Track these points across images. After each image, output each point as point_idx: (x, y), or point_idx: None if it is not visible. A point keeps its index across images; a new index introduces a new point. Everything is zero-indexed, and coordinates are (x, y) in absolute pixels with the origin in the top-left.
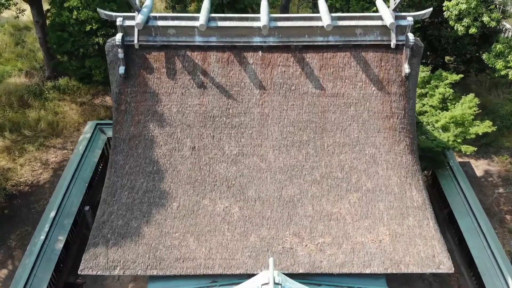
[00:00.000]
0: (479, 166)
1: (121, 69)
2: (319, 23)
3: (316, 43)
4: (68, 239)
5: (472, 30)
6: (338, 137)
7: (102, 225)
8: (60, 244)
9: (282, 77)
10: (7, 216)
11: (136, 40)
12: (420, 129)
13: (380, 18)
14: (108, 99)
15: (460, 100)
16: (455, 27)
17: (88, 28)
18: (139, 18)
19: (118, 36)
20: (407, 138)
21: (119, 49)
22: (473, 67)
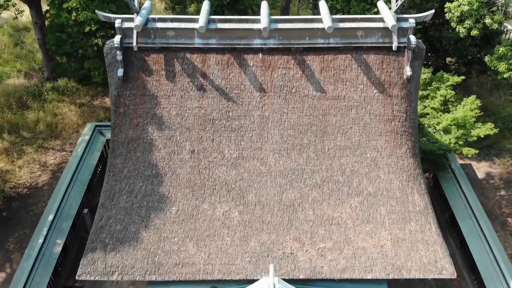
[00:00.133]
0: (481, 168)
1: (120, 72)
2: (320, 25)
3: (317, 45)
4: (67, 242)
5: (474, 32)
6: (339, 141)
7: (100, 230)
8: (59, 248)
9: (283, 80)
10: (5, 219)
11: (135, 42)
12: (422, 132)
13: (382, 20)
14: (108, 101)
15: (462, 102)
16: (457, 29)
17: (87, 29)
18: (138, 20)
19: (117, 38)
20: (409, 141)
21: (118, 51)
22: (475, 69)
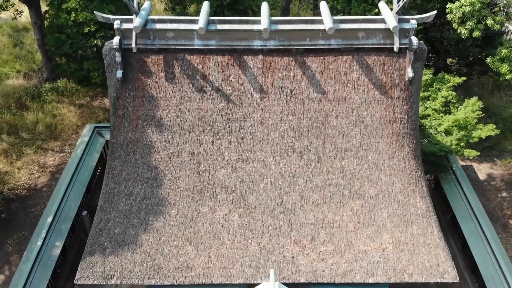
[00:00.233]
0: (482, 170)
1: (119, 73)
2: (321, 26)
3: (318, 47)
4: (66, 244)
5: (476, 34)
6: (340, 143)
7: (99, 233)
8: (57, 250)
9: (283, 81)
10: (4, 221)
11: (134, 44)
12: (423, 133)
13: (383, 21)
14: (107, 101)
15: (463, 104)
16: (459, 30)
17: (86, 30)
18: (137, 21)
19: (116, 40)
20: (411, 144)
21: (117, 53)
22: (476, 70)
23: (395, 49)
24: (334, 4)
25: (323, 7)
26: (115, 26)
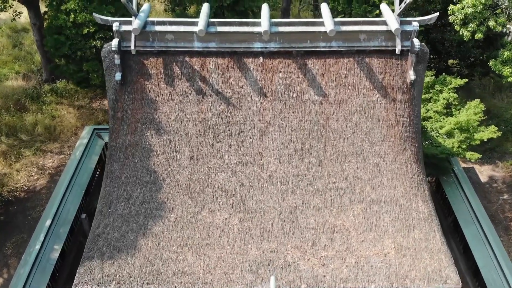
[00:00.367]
0: (484, 172)
1: (118, 76)
2: (322, 28)
3: (319, 49)
4: (64, 248)
5: (478, 36)
6: (342, 146)
7: (97, 238)
8: (56, 254)
9: (284, 84)
10: (3, 223)
11: (133, 46)
12: (424, 135)
13: (385, 23)
14: (107, 103)
15: (465, 106)
16: (461, 32)
17: (85, 31)
18: (136, 23)
19: (115, 42)
20: (413, 147)
21: (116, 55)
22: (477, 71)
23: (397, 52)
24: (335, 5)
25: (324, 9)
26: (114, 28)
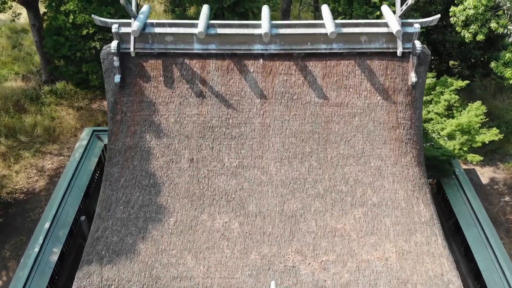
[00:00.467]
0: (485, 174)
1: (117, 78)
2: (323, 30)
3: (319, 51)
4: (64, 250)
5: (480, 37)
6: (342, 149)
7: (96, 242)
8: (55, 257)
9: (284, 86)
10: (2, 225)
11: (132, 48)
12: (425, 137)
13: (386, 25)
14: (106, 104)
15: (467, 108)
16: (462, 33)
17: (85, 32)
18: (135, 25)
19: (114, 44)
20: (414, 150)
21: (115, 57)
22: (478, 72)
23: (398, 54)
24: (336, 6)
25: (325, 11)
26: (113, 30)
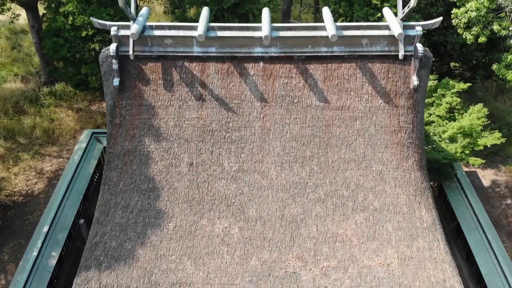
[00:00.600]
0: (486, 176)
1: (116, 81)
2: (323, 33)
3: (320, 54)
4: (62, 253)
5: (482, 39)
6: (344, 153)
7: (95, 247)
8: (53, 261)
9: (285, 89)
10: (0, 228)
11: (131, 51)
12: (427, 140)
13: (388, 28)
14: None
15: (469, 110)
16: (464, 36)
17: (84, 34)
18: (134, 28)
19: (112, 47)
20: (416, 154)
21: (113, 60)
22: (479, 74)
23: (400, 57)
24: (336, 8)
25: (326, 13)
26: (112, 33)
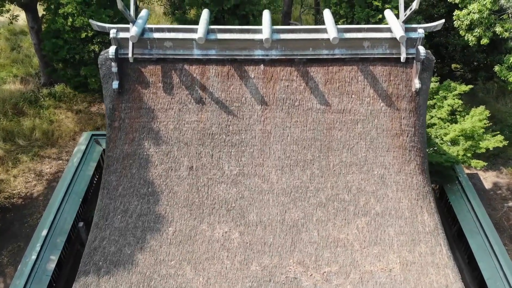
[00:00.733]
0: (488, 178)
1: (115, 84)
2: (325, 36)
3: (321, 57)
4: (61, 257)
5: (484, 41)
6: (345, 156)
7: (94, 252)
8: (52, 264)
9: (285, 92)
10: None
11: (131, 54)
12: (428, 142)
13: (389, 30)
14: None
15: (470, 113)
16: (466, 37)
17: (84, 35)
18: (134, 31)
19: (112, 49)
20: (418, 157)
21: (113, 63)
22: (481, 75)
23: (402, 59)
24: (337, 9)
25: (327, 16)
26: (111, 36)
